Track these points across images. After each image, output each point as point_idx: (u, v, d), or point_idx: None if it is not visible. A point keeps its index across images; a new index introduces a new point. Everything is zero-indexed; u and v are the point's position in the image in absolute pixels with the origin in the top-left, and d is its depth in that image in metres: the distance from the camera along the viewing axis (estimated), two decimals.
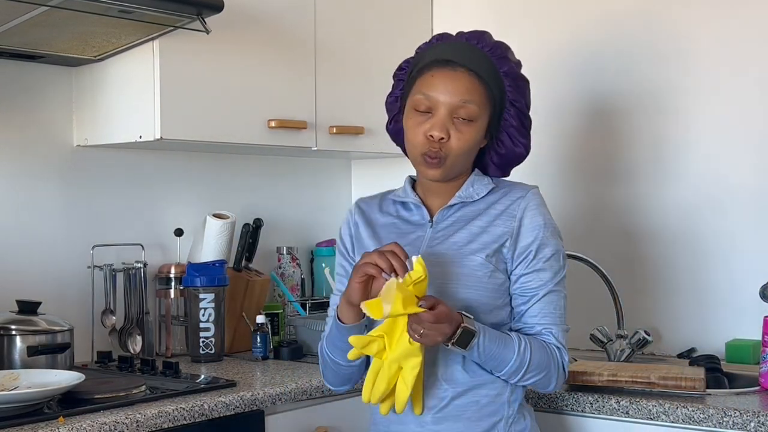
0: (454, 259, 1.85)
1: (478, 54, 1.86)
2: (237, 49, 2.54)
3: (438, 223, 1.91)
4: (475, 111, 1.83)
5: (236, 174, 2.99)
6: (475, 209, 1.91)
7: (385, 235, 1.93)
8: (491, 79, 1.85)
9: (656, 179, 2.78)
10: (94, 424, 1.85)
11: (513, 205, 1.88)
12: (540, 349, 1.83)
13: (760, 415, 1.95)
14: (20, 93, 2.51)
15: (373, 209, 2.00)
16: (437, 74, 1.84)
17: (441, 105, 1.82)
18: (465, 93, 1.82)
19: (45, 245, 2.55)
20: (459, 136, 1.83)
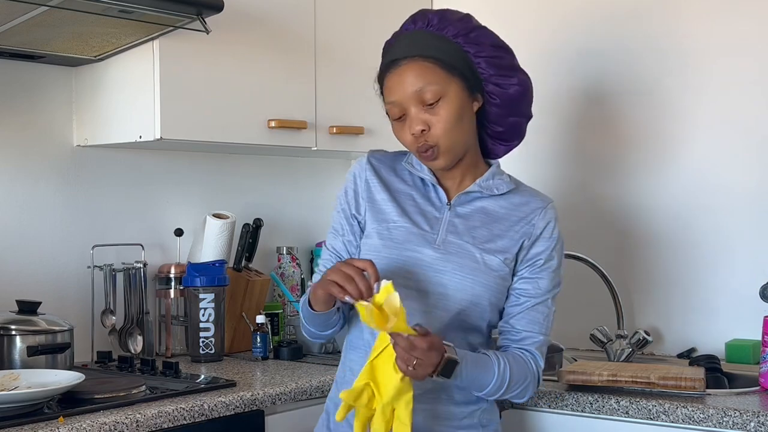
0: (475, 254, 1.86)
1: (416, 37, 1.86)
2: (237, 49, 2.54)
3: (455, 206, 1.91)
4: (436, 89, 1.82)
5: (236, 174, 2.99)
6: (496, 208, 1.91)
7: (404, 205, 1.91)
8: (439, 52, 1.84)
9: (656, 179, 2.78)
10: (94, 424, 1.85)
11: (533, 215, 1.91)
12: (518, 365, 1.84)
13: (760, 415, 1.95)
14: (20, 93, 2.51)
15: (387, 170, 1.98)
16: (389, 79, 1.87)
17: (405, 103, 1.84)
18: (416, 81, 1.82)
19: (45, 245, 2.55)
20: (436, 119, 1.83)
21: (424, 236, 1.87)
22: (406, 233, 1.87)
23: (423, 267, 1.85)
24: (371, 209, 1.93)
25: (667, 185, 2.76)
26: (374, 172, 1.96)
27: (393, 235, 1.88)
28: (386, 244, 1.88)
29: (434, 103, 1.82)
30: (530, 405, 2.22)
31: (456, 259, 1.84)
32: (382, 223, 1.90)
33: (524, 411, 2.24)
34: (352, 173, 1.98)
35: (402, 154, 2.00)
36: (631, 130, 2.82)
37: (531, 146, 2.98)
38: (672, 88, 2.75)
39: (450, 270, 1.84)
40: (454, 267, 1.84)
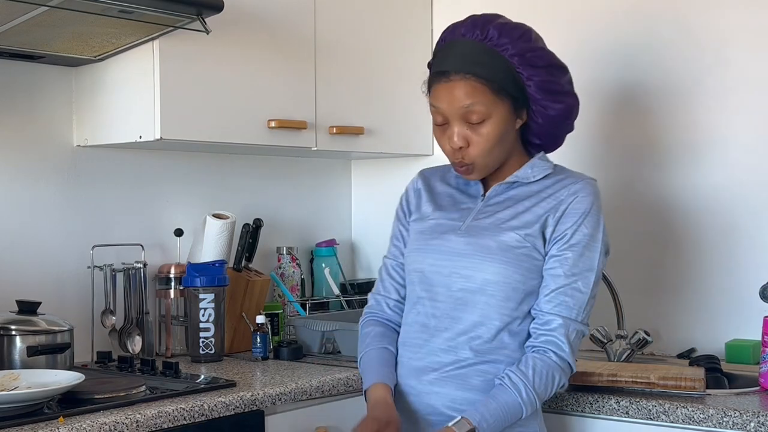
0: (494, 233, 1.89)
1: (470, 50, 1.87)
2: (237, 49, 2.54)
3: (490, 198, 1.97)
4: (482, 111, 1.86)
5: (236, 174, 2.99)
6: (528, 191, 1.95)
7: (441, 202, 2.01)
8: (492, 72, 1.85)
9: (656, 180, 2.78)
10: (93, 424, 1.85)
11: (563, 190, 1.91)
12: (541, 377, 1.83)
13: (760, 415, 1.94)
14: (20, 93, 2.51)
15: (435, 178, 2.08)
16: (437, 88, 1.90)
17: (449, 116, 1.88)
18: (464, 99, 1.85)
19: (45, 245, 2.55)
20: (477, 140, 1.87)
21: (452, 225, 1.95)
22: (435, 225, 1.97)
23: (447, 253, 1.92)
24: (416, 213, 2.04)
25: (667, 186, 2.76)
26: (425, 182, 2.07)
27: (424, 227, 1.98)
28: (417, 237, 1.98)
29: (479, 123, 1.86)
30: None
31: (475, 240, 1.90)
32: (419, 220, 2.01)
33: None
34: (410, 183, 2.11)
35: None
36: (629, 127, 2.82)
37: None
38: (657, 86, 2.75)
39: (471, 252, 1.90)
40: (474, 249, 1.90)
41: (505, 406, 1.80)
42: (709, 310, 2.69)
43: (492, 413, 1.79)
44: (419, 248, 1.98)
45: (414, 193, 2.08)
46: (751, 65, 2.63)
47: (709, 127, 2.70)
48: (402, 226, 2.07)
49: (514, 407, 1.81)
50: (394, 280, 2.06)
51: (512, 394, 1.81)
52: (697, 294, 2.71)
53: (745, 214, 2.63)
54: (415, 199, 2.06)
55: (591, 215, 1.89)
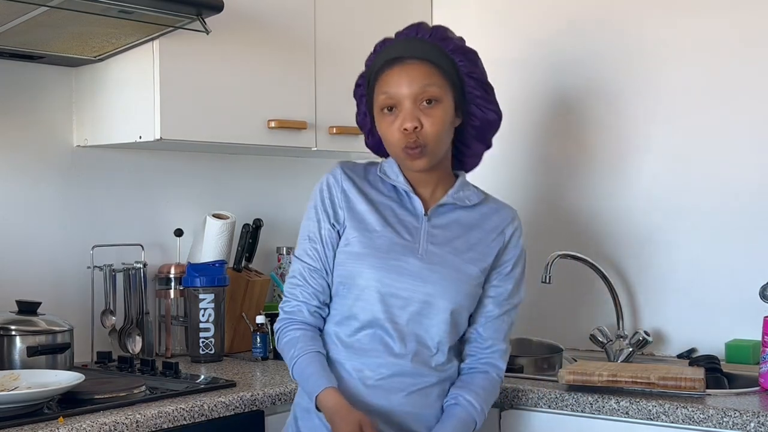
0: (457, 264, 1.93)
1: (421, 43, 1.93)
2: (237, 49, 2.54)
3: (433, 218, 1.97)
4: (436, 92, 1.89)
5: (236, 174, 2.99)
6: (470, 218, 2.00)
7: (385, 215, 1.96)
8: (442, 60, 1.92)
9: (655, 179, 2.77)
10: (93, 425, 1.85)
11: (504, 224, 2.01)
12: (488, 391, 1.98)
13: (760, 416, 1.95)
14: (20, 93, 2.51)
15: (362, 181, 2.00)
16: (391, 71, 1.91)
17: (403, 97, 1.89)
18: (422, 78, 1.89)
19: (45, 245, 2.55)
20: (431, 121, 1.89)
21: (407, 246, 1.93)
22: (389, 243, 1.92)
23: (408, 275, 1.91)
24: (351, 218, 1.95)
25: (667, 186, 2.76)
26: (351, 182, 1.99)
27: (376, 244, 1.92)
28: (370, 252, 1.92)
29: (432, 103, 1.89)
30: (530, 405, 2.22)
31: (439, 268, 1.92)
32: (365, 232, 1.93)
33: (524, 411, 2.24)
34: (326, 183, 2.00)
35: (372, 165, 2.04)
36: (626, 127, 2.82)
37: (521, 148, 2.99)
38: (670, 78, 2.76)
39: (435, 279, 1.91)
40: (438, 277, 1.91)
41: (462, 425, 1.91)
42: (709, 310, 2.69)
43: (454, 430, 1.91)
44: (375, 266, 1.90)
45: (341, 193, 1.97)
46: None
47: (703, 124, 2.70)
48: (325, 227, 1.96)
49: (469, 425, 1.93)
50: (313, 287, 1.96)
51: (469, 412, 1.93)
52: (697, 294, 2.71)
53: (745, 214, 2.63)
54: (343, 201, 1.96)
55: (524, 252, 2.04)
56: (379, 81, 1.94)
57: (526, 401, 2.22)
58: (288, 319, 1.99)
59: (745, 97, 2.64)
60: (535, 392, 2.21)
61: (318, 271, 1.97)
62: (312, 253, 1.97)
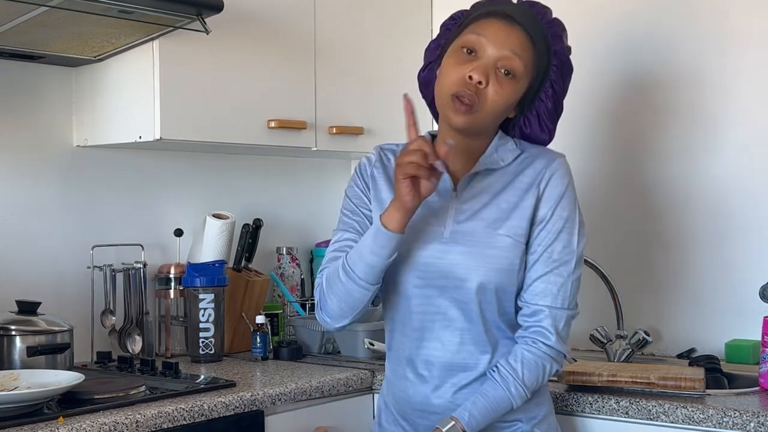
0: (483, 239, 1.80)
1: (537, 21, 1.84)
2: (237, 49, 2.54)
3: (462, 191, 1.85)
4: (520, 67, 1.79)
5: (236, 174, 2.99)
6: (501, 180, 1.85)
7: None
8: (542, 49, 1.83)
9: (654, 180, 2.77)
10: (93, 424, 1.85)
11: (538, 177, 1.84)
12: (530, 370, 1.80)
13: (759, 416, 1.94)
14: (20, 93, 2.51)
15: (391, 162, 1.92)
16: (494, 22, 1.79)
17: (490, 50, 1.77)
18: (517, 46, 1.78)
19: (45, 245, 2.55)
20: (497, 89, 1.77)
21: (431, 232, 1.83)
22: (412, 231, 1.80)
23: (433, 263, 1.81)
24: (377, 206, 1.89)
25: (667, 186, 2.76)
26: (381, 166, 1.93)
27: None
28: None
29: (509, 75, 1.78)
30: None
31: (466, 249, 1.80)
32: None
33: None
34: (359, 167, 1.95)
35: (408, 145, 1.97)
36: (627, 126, 2.82)
37: None
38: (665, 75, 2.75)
39: (462, 261, 1.79)
40: (465, 258, 1.79)
41: (494, 402, 1.79)
42: (709, 310, 2.69)
43: (480, 411, 1.78)
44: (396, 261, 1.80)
45: (369, 178, 1.92)
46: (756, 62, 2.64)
47: (709, 125, 2.70)
48: (357, 215, 1.90)
49: (503, 401, 1.80)
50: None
51: (500, 389, 1.79)
52: (697, 294, 2.71)
53: (745, 214, 2.63)
54: (371, 187, 1.91)
55: (566, 197, 1.84)
56: (478, 23, 1.81)
57: None
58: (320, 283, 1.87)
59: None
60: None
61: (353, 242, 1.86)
62: (351, 222, 1.90)
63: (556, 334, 1.81)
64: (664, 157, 2.76)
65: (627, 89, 2.84)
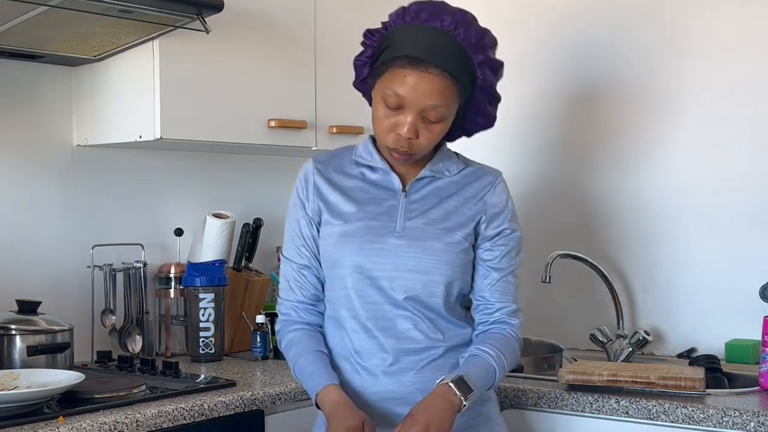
0: (433, 234, 1.90)
1: (453, 47, 1.81)
2: (237, 49, 2.54)
3: (411, 193, 1.94)
4: (444, 113, 1.84)
5: (236, 174, 2.99)
6: (448, 187, 1.95)
7: (359, 200, 1.93)
8: (463, 74, 1.83)
9: (654, 179, 2.77)
10: (94, 424, 1.85)
11: (484, 191, 1.95)
12: (506, 347, 1.90)
13: (760, 415, 1.95)
14: (20, 92, 2.51)
15: (335, 171, 1.98)
16: (409, 75, 1.80)
17: (410, 106, 1.81)
18: (436, 97, 1.81)
19: (45, 245, 2.55)
20: (427, 135, 1.85)
21: (384, 227, 1.90)
22: (365, 227, 1.90)
23: (387, 256, 1.88)
24: (326, 210, 1.95)
25: (666, 185, 2.76)
26: (321, 175, 1.98)
27: (353, 230, 1.90)
28: (347, 240, 1.90)
29: (435, 120, 1.84)
30: (530, 405, 2.22)
31: (418, 243, 1.89)
32: (339, 220, 1.92)
33: (524, 411, 2.24)
34: (298, 181, 2.01)
35: (348, 149, 2.01)
36: (627, 126, 2.82)
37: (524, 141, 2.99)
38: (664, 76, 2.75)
39: (414, 254, 1.88)
40: (417, 251, 1.88)
41: (483, 368, 1.86)
42: (709, 310, 2.69)
43: (476, 373, 1.84)
44: (352, 252, 1.89)
45: (313, 187, 1.97)
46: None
47: (705, 124, 2.70)
48: (304, 224, 1.97)
49: (490, 369, 1.87)
50: (304, 285, 1.96)
51: (485, 359, 1.87)
52: (697, 294, 2.71)
53: (745, 214, 2.63)
54: (316, 195, 1.96)
55: (512, 209, 1.98)
56: (393, 72, 1.82)
57: (526, 401, 2.22)
58: (285, 321, 1.98)
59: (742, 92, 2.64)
60: (535, 392, 2.21)
61: (307, 268, 1.96)
62: (298, 251, 1.97)
63: (519, 324, 1.96)
64: (663, 155, 2.76)
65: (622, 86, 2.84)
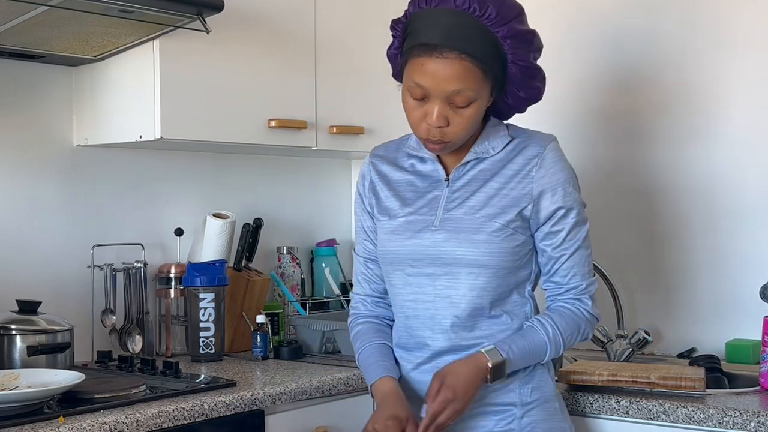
0: (471, 225, 1.84)
1: (471, 27, 1.74)
2: (237, 49, 2.54)
3: (454, 181, 1.90)
4: (470, 96, 1.77)
5: (236, 174, 2.99)
6: (491, 166, 1.89)
7: (404, 194, 1.93)
8: (486, 53, 1.76)
9: (654, 179, 2.78)
10: (94, 424, 1.85)
11: (529, 166, 1.86)
12: (566, 321, 1.88)
13: (760, 415, 1.95)
14: (20, 93, 2.51)
15: (387, 163, 1.99)
16: (426, 63, 1.75)
17: (434, 94, 1.77)
18: (457, 82, 1.75)
19: (45, 245, 2.55)
20: (459, 121, 1.80)
21: (423, 221, 1.88)
22: (406, 223, 1.90)
23: (425, 252, 1.87)
24: (378, 206, 1.97)
25: (666, 185, 2.76)
26: (377, 171, 2.00)
27: (396, 227, 1.92)
28: (390, 237, 1.92)
29: (464, 104, 1.78)
30: None
31: (454, 235, 1.85)
32: (386, 218, 1.94)
33: None
34: (359, 178, 2.04)
35: (404, 139, 2.01)
36: (626, 128, 2.82)
37: None
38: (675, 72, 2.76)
39: (451, 247, 1.85)
40: (453, 244, 1.84)
41: (532, 344, 1.85)
42: (709, 310, 2.69)
43: (520, 348, 1.83)
44: (393, 250, 1.90)
45: (368, 184, 1.99)
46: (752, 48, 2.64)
47: (709, 123, 2.70)
48: (365, 219, 2.00)
49: (540, 345, 1.86)
50: (371, 278, 2.01)
51: (540, 333, 1.86)
52: (697, 294, 2.71)
53: (745, 214, 2.64)
54: (371, 192, 1.98)
55: (568, 182, 1.87)
56: (413, 64, 1.78)
57: None
58: (354, 314, 2.05)
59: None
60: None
61: (372, 261, 2.00)
62: (363, 245, 2.02)
63: (590, 299, 1.92)
64: (663, 156, 2.76)
65: (614, 84, 2.84)
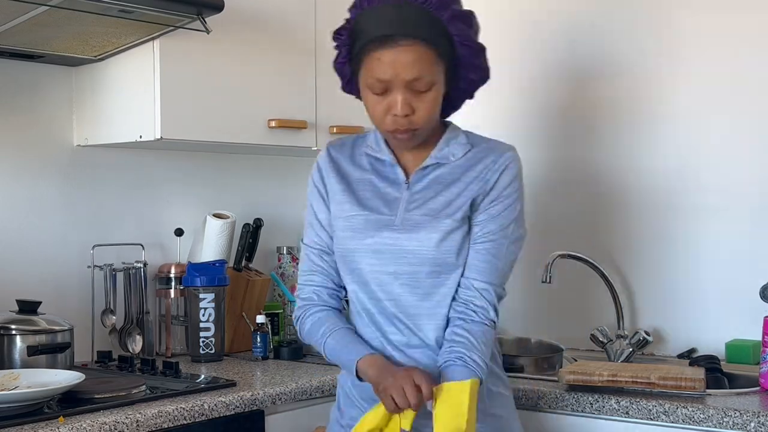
0: (430, 224, 1.86)
1: (417, 14, 1.77)
2: (237, 49, 2.55)
3: (414, 183, 1.91)
4: (430, 80, 1.79)
5: (236, 174, 2.99)
6: (452, 173, 1.90)
7: (361, 193, 1.92)
8: (436, 37, 1.78)
9: (654, 179, 2.77)
10: (94, 424, 1.85)
11: (486, 170, 1.88)
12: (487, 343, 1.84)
13: (760, 416, 1.95)
14: (20, 93, 2.51)
15: (346, 160, 1.97)
16: (383, 55, 1.76)
17: (395, 84, 1.78)
18: (416, 67, 1.76)
19: (45, 245, 2.55)
20: (422, 106, 1.80)
21: (382, 220, 1.88)
22: (365, 221, 1.88)
23: (386, 251, 1.86)
24: (333, 203, 1.94)
25: (666, 185, 2.76)
26: (333, 165, 1.97)
27: (353, 225, 1.89)
28: (348, 235, 1.90)
29: (425, 90, 1.80)
30: (530, 405, 2.22)
31: (414, 234, 1.85)
32: (342, 215, 1.91)
33: (524, 411, 2.24)
34: (313, 170, 2.00)
35: (360, 137, 1.99)
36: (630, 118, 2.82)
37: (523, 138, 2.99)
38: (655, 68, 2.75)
39: (412, 247, 1.85)
40: (413, 244, 1.85)
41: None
42: (709, 310, 2.69)
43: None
44: (353, 248, 1.89)
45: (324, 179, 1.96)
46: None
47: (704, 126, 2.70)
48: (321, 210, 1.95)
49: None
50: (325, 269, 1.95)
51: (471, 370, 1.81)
52: (697, 294, 2.71)
53: (745, 214, 2.63)
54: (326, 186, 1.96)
55: (511, 187, 1.88)
56: (368, 60, 1.79)
57: (526, 401, 2.22)
58: (306, 305, 1.95)
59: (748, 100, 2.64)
60: (536, 392, 2.21)
61: (326, 253, 1.95)
62: (316, 238, 1.96)
63: (493, 309, 1.86)
64: (663, 156, 2.76)
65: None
